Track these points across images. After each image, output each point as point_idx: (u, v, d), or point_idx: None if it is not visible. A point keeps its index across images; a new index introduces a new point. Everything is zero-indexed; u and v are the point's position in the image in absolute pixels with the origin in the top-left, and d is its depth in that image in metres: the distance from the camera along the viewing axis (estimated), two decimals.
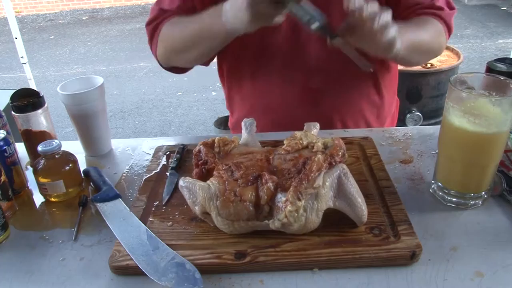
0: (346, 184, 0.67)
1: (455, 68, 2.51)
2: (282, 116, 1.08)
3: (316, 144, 0.76)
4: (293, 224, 0.64)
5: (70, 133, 3.15)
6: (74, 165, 0.85)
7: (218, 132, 2.96)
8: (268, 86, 1.07)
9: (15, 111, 0.89)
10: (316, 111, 1.05)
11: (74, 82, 0.99)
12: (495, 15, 5.86)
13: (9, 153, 0.82)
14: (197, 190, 0.68)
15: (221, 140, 0.80)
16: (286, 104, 1.07)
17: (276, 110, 1.08)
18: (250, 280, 0.63)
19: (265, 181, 0.68)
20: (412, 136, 0.99)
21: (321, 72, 1.03)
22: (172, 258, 0.64)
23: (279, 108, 1.08)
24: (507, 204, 0.76)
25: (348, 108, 1.08)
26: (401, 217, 0.70)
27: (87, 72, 4.77)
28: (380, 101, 1.11)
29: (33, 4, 7.46)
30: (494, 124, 0.68)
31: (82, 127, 0.97)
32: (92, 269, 0.67)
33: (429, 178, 0.83)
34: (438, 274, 0.62)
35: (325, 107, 1.06)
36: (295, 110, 1.06)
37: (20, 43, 3.20)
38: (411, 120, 2.53)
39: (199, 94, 3.98)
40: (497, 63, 0.91)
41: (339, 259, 0.64)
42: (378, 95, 1.10)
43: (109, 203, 0.79)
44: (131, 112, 3.78)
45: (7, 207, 0.79)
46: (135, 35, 6.09)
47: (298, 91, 1.05)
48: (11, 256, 0.70)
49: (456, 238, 0.68)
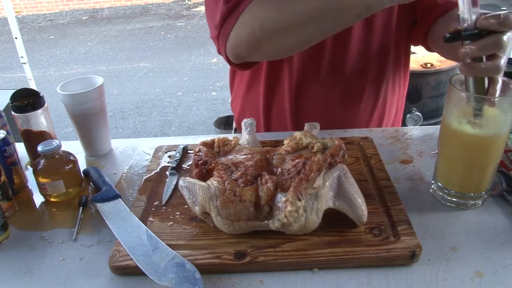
0: (346, 184, 0.67)
1: (455, 68, 2.51)
2: (320, 119, 0.96)
3: (316, 144, 0.76)
4: (293, 224, 0.64)
5: (70, 133, 3.15)
6: (74, 165, 0.85)
7: (218, 132, 2.97)
8: (310, 90, 1.03)
9: (15, 111, 0.89)
10: (355, 114, 1.05)
11: (74, 82, 0.99)
12: None
13: (9, 153, 0.82)
14: (197, 190, 0.68)
15: (221, 140, 0.80)
16: (326, 106, 1.04)
17: (315, 113, 1.05)
18: (250, 280, 0.63)
19: (265, 181, 0.68)
20: (412, 136, 0.99)
21: (361, 75, 1.02)
22: (172, 258, 0.64)
23: (319, 110, 1.05)
24: (507, 204, 0.76)
25: (384, 109, 1.09)
26: (401, 217, 0.70)
27: (87, 72, 4.77)
28: (402, 100, 1.15)
29: (33, 4, 7.46)
30: (494, 124, 0.68)
31: (82, 127, 0.97)
32: (92, 269, 0.67)
33: (429, 178, 0.83)
34: (438, 274, 0.62)
35: (364, 109, 1.06)
36: (335, 112, 1.05)
37: (20, 43, 3.20)
38: (411, 120, 2.53)
39: (199, 94, 3.98)
40: None
41: (339, 259, 0.64)
42: (400, 94, 1.13)
43: (109, 203, 0.79)
44: (131, 112, 3.78)
45: (7, 207, 0.79)
46: (135, 35, 6.10)
47: (338, 94, 1.03)
48: (11, 256, 0.70)
49: (456, 238, 0.68)
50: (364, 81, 1.03)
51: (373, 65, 1.02)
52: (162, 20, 6.59)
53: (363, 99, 1.04)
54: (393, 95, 1.10)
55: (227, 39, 0.81)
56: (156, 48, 5.49)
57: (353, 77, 1.02)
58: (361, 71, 1.02)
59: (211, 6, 0.85)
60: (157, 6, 7.47)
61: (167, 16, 6.95)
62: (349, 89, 1.03)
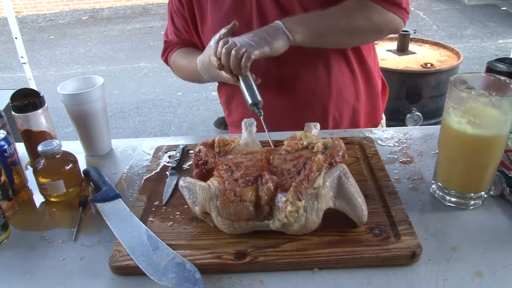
0: (346, 184, 0.67)
1: (455, 68, 2.51)
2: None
3: (316, 144, 0.76)
4: (293, 224, 0.64)
5: (70, 133, 3.15)
6: (74, 165, 0.85)
7: (218, 132, 2.97)
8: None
9: (15, 111, 0.89)
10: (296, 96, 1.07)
11: (74, 82, 0.99)
12: (495, 15, 5.86)
13: (9, 153, 0.82)
14: (197, 190, 0.68)
15: (221, 140, 0.80)
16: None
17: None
18: (250, 280, 0.63)
19: (265, 181, 0.68)
20: (412, 136, 0.99)
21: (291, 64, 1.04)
22: (172, 258, 0.64)
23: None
24: (507, 204, 0.76)
25: (330, 90, 1.07)
26: (401, 217, 0.70)
27: (87, 72, 4.77)
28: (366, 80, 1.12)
29: (33, 4, 7.46)
30: (494, 124, 0.68)
31: (82, 127, 0.97)
32: (92, 269, 0.67)
33: (429, 178, 0.83)
34: (438, 274, 0.62)
35: (303, 91, 1.07)
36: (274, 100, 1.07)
37: (20, 43, 3.20)
38: (411, 120, 2.53)
39: (199, 94, 3.98)
40: (497, 63, 0.91)
41: (339, 259, 0.64)
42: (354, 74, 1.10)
43: (109, 203, 0.79)
44: (131, 112, 3.78)
45: (7, 207, 0.79)
46: (135, 35, 6.09)
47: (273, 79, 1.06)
48: (11, 256, 0.70)
49: (456, 238, 0.68)
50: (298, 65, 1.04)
51: (303, 49, 1.00)
52: (162, 20, 6.58)
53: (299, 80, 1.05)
54: (341, 74, 1.07)
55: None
56: (156, 48, 5.47)
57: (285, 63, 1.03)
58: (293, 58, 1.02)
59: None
60: (157, 6, 7.46)
61: (167, 16, 6.94)
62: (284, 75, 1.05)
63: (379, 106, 1.19)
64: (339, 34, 0.99)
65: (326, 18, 0.96)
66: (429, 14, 6.12)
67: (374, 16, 0.98)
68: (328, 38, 0.99)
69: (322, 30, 0.96)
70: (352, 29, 0.99)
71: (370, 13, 0.97)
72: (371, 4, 0.97)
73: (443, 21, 5.77)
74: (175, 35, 1.17)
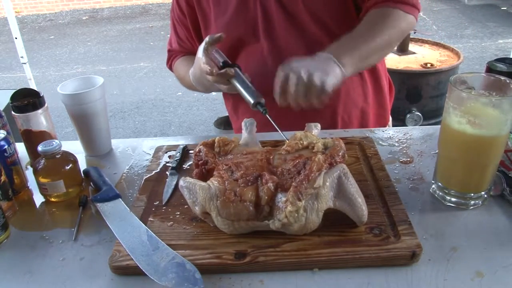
0: (346, 184, 0.67)
1: (455, 68, 2.51)
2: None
3: (316, 144, 0.76)
4: (293, 224, 0.64)
5: (70, 133, 3.15)
6: (74, 165, 0.85)
7: (218, 132, 2.96)
8: None
9: (15, 111, 0.89)
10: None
11: (74, 82, 0.99)
12: (495, 15, 5.86)
13: (9, 153, 0.82)
14: (197, 190, 0.68)
15: (221, 140, 0.80)
16: None
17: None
18: (250, 280, 0.63)
19: (265, 181, 0.68)
20: (412, 136, 0.99)
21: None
22: (172, 258, 0.64)
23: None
24: (507, 204, 0.76)
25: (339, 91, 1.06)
26: (401, 217, 0.70)
27: (87, 72, 4.77)
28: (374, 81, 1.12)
29: (33, 4, 7.45)
30: (494, 124, 0.68)
31: (82, 127, 0.97)
32: (92, 269, 0.67)
33: (429, 178, 0.83)
34: (438, 274, 0.62)
35: None
36: None
37: (20, 43, 3.20)
38: (411, 120, 2.53)
39: (199, 94, 3.97)
40: (497, 63, 0.91)
41: (339, 259, 0.64)
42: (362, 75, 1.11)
43: (109, 203, 0.79)
44: (131, 112, 3.78)
45: (7, 207, 0.79)
46: (135, 35, 6.09)
47: None
48: (11, 256, 0.70)
49: (456, 238, 0.68)
50: None
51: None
52: (162, 20, 6.58)
53: None
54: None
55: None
56: (156, 48, 5.48)
57: None
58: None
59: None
60: (157, 6, 7.46)
61: (167, 16, 6.95)
62: None
63: (387, 107, 1.19)
64: (380, 52, 0.98)
65: (365, 41, 0.94)
66: (429, 14, 6.11)
67: (400, 23, 0.97)
68: (370, 60, 0.98)
69: (366, 54, 0.94)
70: (388, 44, 0.97)
71: (396, 21, 0.96)
72: (392, 11, 0.96)
73: (443, 21, 5.77)
74: (177, 44, 1.19)
